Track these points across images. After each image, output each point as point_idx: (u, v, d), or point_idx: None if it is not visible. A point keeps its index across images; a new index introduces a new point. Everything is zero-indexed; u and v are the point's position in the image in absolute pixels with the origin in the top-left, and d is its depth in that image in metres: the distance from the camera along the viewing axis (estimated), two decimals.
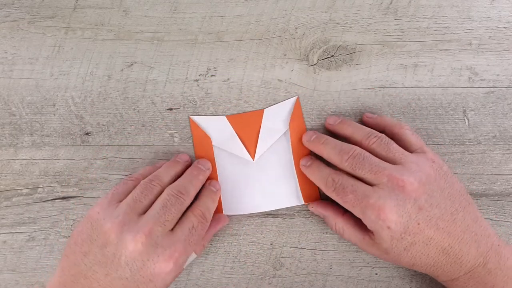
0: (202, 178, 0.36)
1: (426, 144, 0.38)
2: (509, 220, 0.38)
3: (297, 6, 0.40)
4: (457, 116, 0.39)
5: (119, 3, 0.40)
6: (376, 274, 0.37)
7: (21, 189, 0.38)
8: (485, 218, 0.38)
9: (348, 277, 0.37)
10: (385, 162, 0.32)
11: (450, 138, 0.39)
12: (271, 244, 0.38)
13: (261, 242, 0.38)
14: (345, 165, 0.32)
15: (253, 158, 0.38)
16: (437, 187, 0.31)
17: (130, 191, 0.33)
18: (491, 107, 0.39)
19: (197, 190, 0.35)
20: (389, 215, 0.30)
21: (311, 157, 0.37)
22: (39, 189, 0.38)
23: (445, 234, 0.30)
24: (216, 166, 0.38)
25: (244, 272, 0.37)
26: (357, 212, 0.32)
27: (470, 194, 0.38)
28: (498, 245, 0.31)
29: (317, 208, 0.36)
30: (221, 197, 0.37)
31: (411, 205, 0.30)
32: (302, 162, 0.37)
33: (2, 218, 0.38)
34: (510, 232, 0.38)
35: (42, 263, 0.37)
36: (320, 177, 0.34)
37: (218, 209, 0.37)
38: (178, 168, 0.36)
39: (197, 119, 0.39)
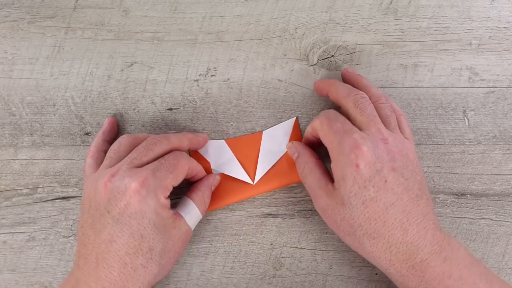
0: (191, 136, 0.36)
1: (426, 144, 0.38)
2: (509, 220, 0.38)
3: (297, 6, 0.40)
4: (457, 116, 0.39)
5: (119, 3, 0.40)
6: (376, 274, 0.37)
7: (21, 189, 0.38)
8: (485, 218, 0.38)
9: (348, 277, 0.37)
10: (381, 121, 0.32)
11: (450, 138, 0.39)
12: (271, 244, 0.38)
13: (261, 242, 0.38)
14: (350, 99, 0.33)
15: (253, 180, 0.38)
16: (412, 167, 0.31)
17: (96, 162, 0.34)
18: (491, 107, 0.39)
19: (181, 142, 0.34)
20: (364, 152, 0.29)
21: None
22: (39, 189, 0.38)
23: (407, 209, 0.29)
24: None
25: (244, 272, 0.37)
26: (334, 140, 0.31)
27: (470, 194, 0.38)
28: (449, 236, 0.31)
29: (296, 145, 0.36)
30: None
31: (387, 160, 0.30)
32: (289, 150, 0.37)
33: (2, 218, 0.38)
34: (510, 232, 0.38)
35: (42, 263, 0.37)
36: (317, 117, 0.34)
37: (205, 165, 0.37)
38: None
39: None
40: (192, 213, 0.34)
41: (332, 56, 0.40)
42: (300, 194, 0.35)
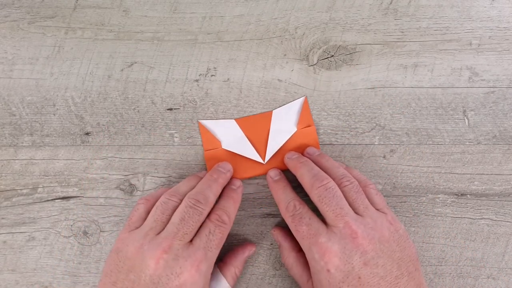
0: (222, 182, 0.35)
1: (426, 144, 0.38)
2: (509, 220, 0.38)
3: (297, 6, 0.40)
4: (457, 116, 0.39)
5: (119, 3, 0.40)
6: None
7: (21, 189, 0.38)
8: (485, 218, 0.38)
9: None
10: (349, 207, 0.31)
11: (450, 138, 0.39)
12: (271, 244, 0.38)
13: (261, 242, 0.38)
14: (314, 193, 0.32)
15: (263, 159, 0.38)
16: (388, 249, 0.30)
17: (146, 214, 0.33)
18: (491, 107, 0.39)
19: (217, 195, 0.34)
20: (333, 258, 0.30)
21: (280, 172, 0.37)
22: (39, 189, 0.38)
23: None
24: None
25: (244, 272, 0.37)
26: (304, 245, 0.32)
27: (470, 194, 0.38)
28: None
29: (278, 236, 0.36)
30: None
31: (357, 258, 0.30)
32: (271, 173, 0.37)
33: (2, 218, 0.38)
34: (510, 232, 0.38)
35: (42, 263, 0.37)
36: (283, 198, 0.34)
37: (216, 144, 0.38)
38: (199, 179, 0.35)
39: (206, 123, 0.39)
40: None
41: (332, 56, 0.40)
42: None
